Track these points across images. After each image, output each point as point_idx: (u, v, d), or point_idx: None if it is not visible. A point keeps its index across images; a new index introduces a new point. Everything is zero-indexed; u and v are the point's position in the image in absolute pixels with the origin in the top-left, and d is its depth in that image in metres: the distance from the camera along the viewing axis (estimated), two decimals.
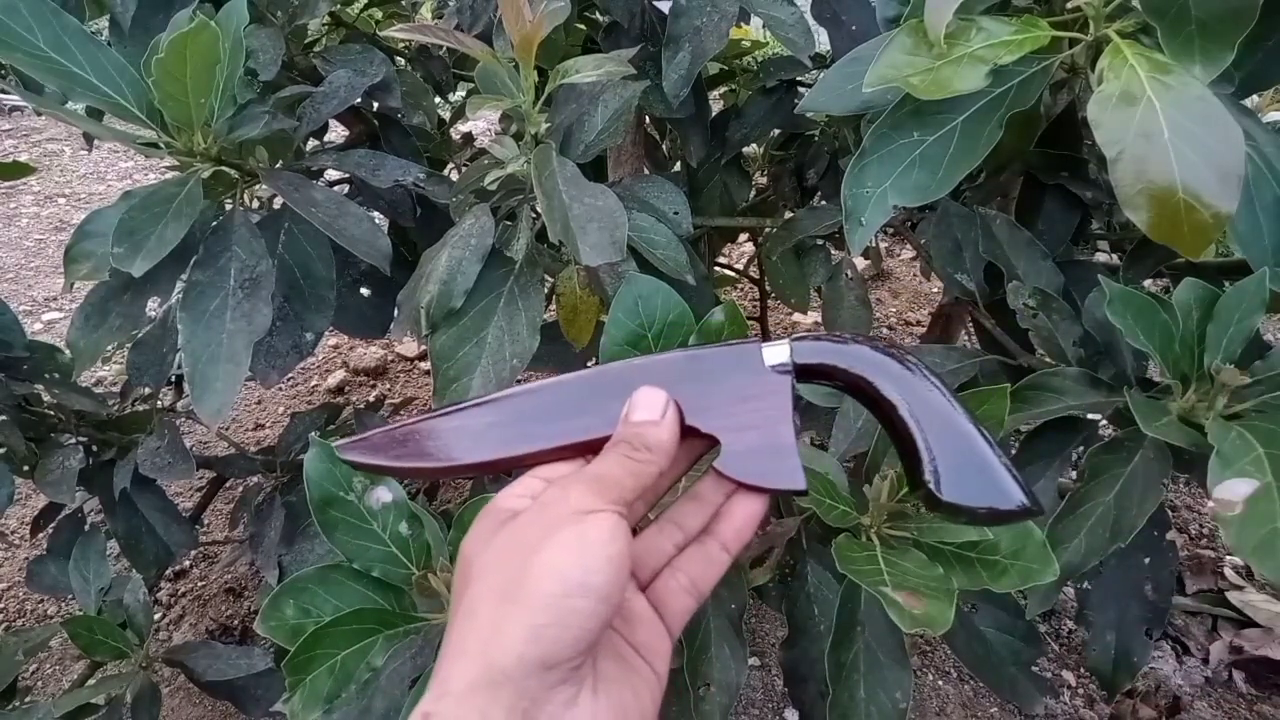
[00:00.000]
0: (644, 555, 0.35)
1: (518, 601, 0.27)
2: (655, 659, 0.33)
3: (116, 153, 2.99)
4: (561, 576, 0.27)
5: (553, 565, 0.27)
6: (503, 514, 0.32)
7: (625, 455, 0.32)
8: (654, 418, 0.33)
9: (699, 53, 0.76)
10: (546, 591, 0.27)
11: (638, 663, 0.33)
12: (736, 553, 0.35)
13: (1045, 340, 0.70)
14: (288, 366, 0.73)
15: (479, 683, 0.26)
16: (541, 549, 0.28)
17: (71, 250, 0.71)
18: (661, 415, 0.33)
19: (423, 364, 1.90)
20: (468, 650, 0.27)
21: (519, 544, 0.29)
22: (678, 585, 0.35)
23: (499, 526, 0.31)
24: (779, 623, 1.24)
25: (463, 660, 0.27)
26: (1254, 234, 0.55)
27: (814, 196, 1.09)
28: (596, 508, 0.29)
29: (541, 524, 0.29)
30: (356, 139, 0.95)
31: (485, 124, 2.84)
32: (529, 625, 0.27)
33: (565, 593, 0.27)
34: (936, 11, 0.51)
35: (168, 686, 1.14)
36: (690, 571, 0.35)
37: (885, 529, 0.61)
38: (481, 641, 0.27)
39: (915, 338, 1.92)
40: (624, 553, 0.29)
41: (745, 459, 0.33)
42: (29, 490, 1.46)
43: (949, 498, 0.32)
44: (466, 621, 0.28)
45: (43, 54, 0.60)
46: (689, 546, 0.35)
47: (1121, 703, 1.10)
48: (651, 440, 0.32)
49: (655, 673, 0.33)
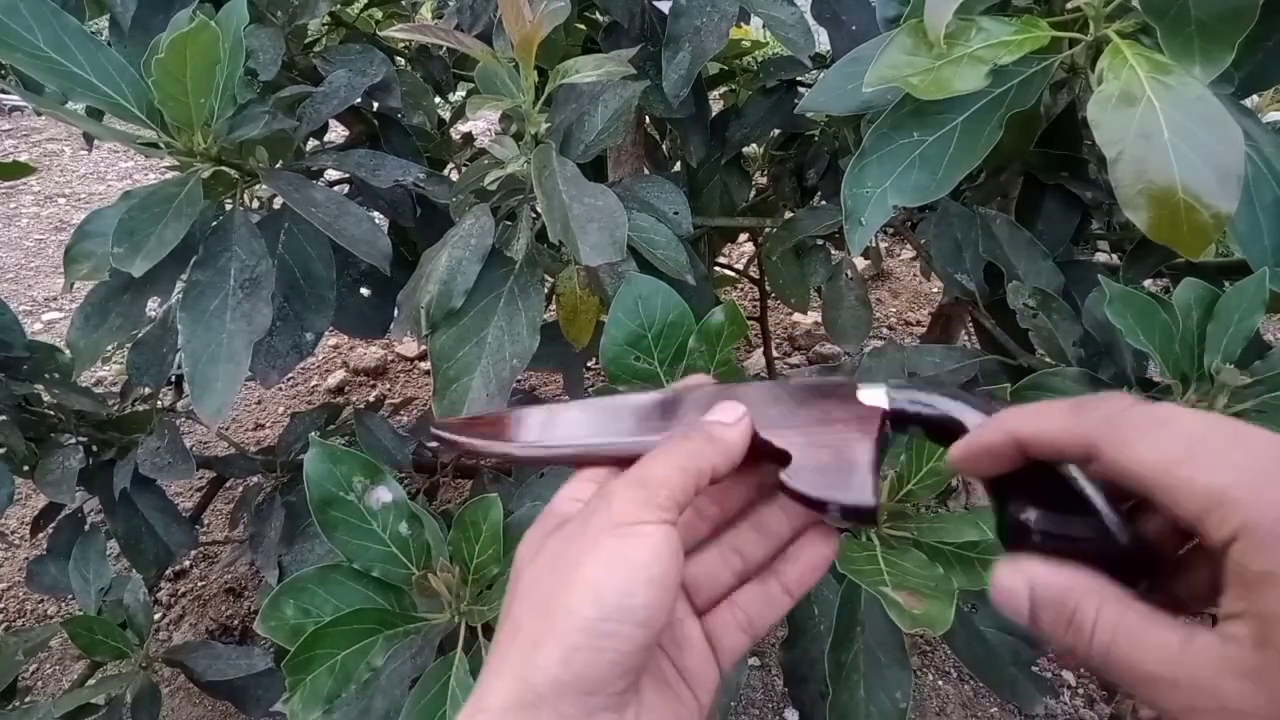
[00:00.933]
0: (700, 578, 0.33)
1: (554, 622, 0.26)
2: (701, 689, 0.31)
3: (116, 153, 2.99)
4: (598, 598, 0.26)
5: (590, 586, 0.26)
6: (554, 519, 0.30)
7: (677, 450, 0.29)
8: (727, 420, 0.31)
9: (699, 53, 0.76)
10: (582, 614, 0.26)
11: (683, 690, 0.31)
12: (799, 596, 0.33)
13: (1045, 340, 0.70)
14: (288, 366, 0.73)
15: (515, 703, 0.25)
16: (580, 565, 0.26)
17: (71, 250, 0.71)
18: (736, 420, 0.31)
19: (423, 364, 1.90)
20: (506, 669, 0.26)
21: (560, 558, 0.28)
22: (734, 620, 0.33)
23: (547, 535, 0.29)
24: (779, 623, 1.24)
25: (501, 679, 0.26)
26: (1254, 234, 0.55)
27: (814, 196, 1.09)
28: (642, 519, 0.27)
29: (584, 537, 0.27)
30: (356, 139, 0.95)
31: (485, 124, 2.84)
32: (563, 648, 0.25)
33: (602, 616, 0.25)
34: (936, 11, 0.51)
35: (168, 686, 1.14)
36: (749, 609, 0.33)
37: (885, 529, 0.61)
38: (519, 661, 0.26)
39: (915, 338, 1.92)
40: (670, 574, 0.26)
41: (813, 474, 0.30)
42: (29, 490, 1.46)
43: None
44: (510, 639, 0.27)
45: (43, 54, 0.60)
46: (750, 583, 0.33)
47: (1121, 703, 1.10)
48: (715, 433, 0.30)
49: (699, 703, 0.31)
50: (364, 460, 0.56)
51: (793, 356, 1.91)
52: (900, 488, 0.60)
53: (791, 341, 1.94)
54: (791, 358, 1.90)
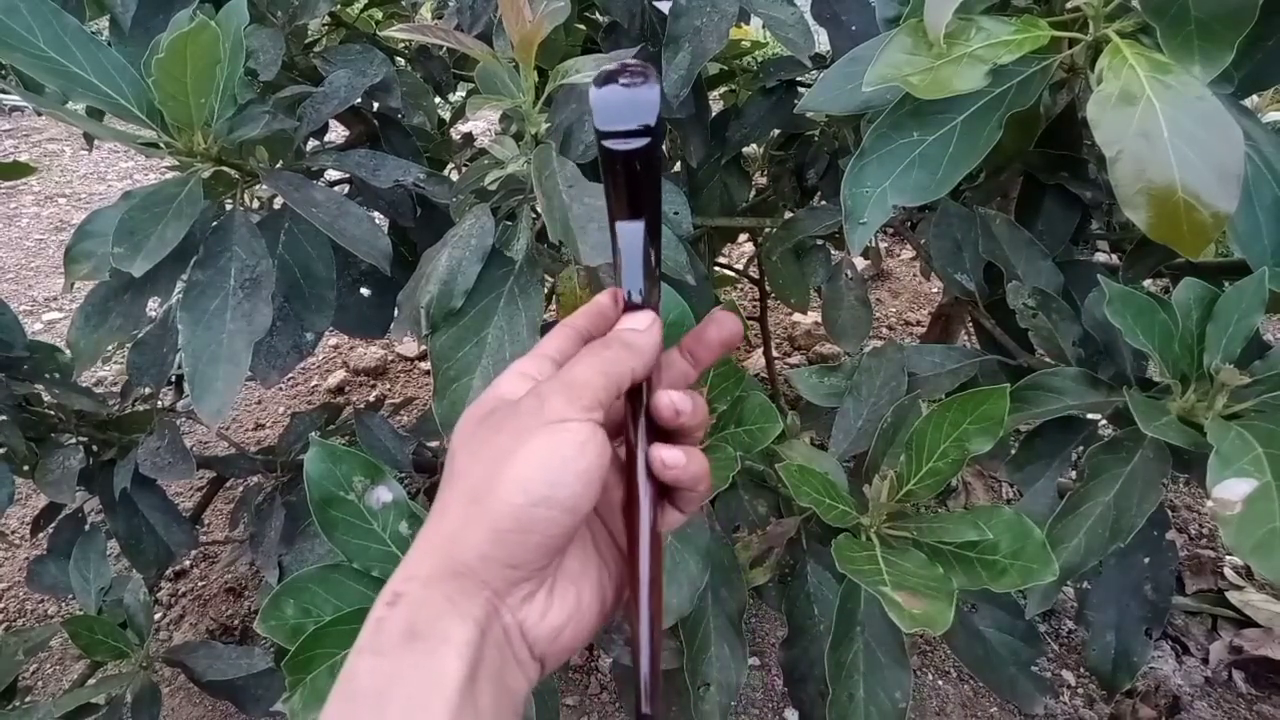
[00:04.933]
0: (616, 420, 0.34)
1: (484, 506, 0.28)
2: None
3: (117, 153, 2.99)
4: (526, 489, 0.28)
5: (520, 476, 0.28)
6: (492, 401, 0.32)
7: (599, 355, 0.31)
8: (640, 327, 0.33)
9: (699, 53, 0.76)
10: (511, 502, 0.28)
11: (610, 553, 0.34)
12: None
13: (1045, 340, 0.70)
14: (288, 366, 0.73)
15: (444, 573, 0.28)
16: (512, 457, 0.28)
17: (72, 250, 0.71)
18: (648, 326, 0.33)
19: (423, 364, 1.90)
20: (437, 544, 0.29)
21: (493, 449, 0.30)
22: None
23: (483, 419, 0.31)
24: (779, 623, 1.24)
25: (432, 553, 0.29)
26: (1253, 234, 0.55)
27: (814, 196, 1.09)
28: (569, 416, 0.29)
29: (515, 430, 0.29)
30: (356, 139, 0.95)
31: (485, 124, 2.84)
32: (492, 529, 0.28)
33: (530, 503, 0.28)
34: (936, 11, 0.51)
35: (168, 686, 1.14)
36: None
37: (885, 529, 0.61)
38: (447, 539, 0.29)
39: (915, 338, 1.92)
40: (594, 467, 0.29)
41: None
42: (29, 490, 1.46)
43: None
44: (438, 519, 0.30)
45: (43, 54, 0.60)
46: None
47: (1121, 703, 1.10)
48: (628, 339, 0.32)
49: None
50: (364, 460, 0.56)
51: (793, 356, 1.91)
52: (900, 487, 0.60)
53: (791, 341, 1.94)
54: (791, 358, 1.90)
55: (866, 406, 0.72)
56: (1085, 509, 0.61)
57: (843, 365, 0.76)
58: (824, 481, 0.61)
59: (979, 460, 0.59)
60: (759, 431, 0.67)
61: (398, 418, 1.62)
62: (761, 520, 0.70)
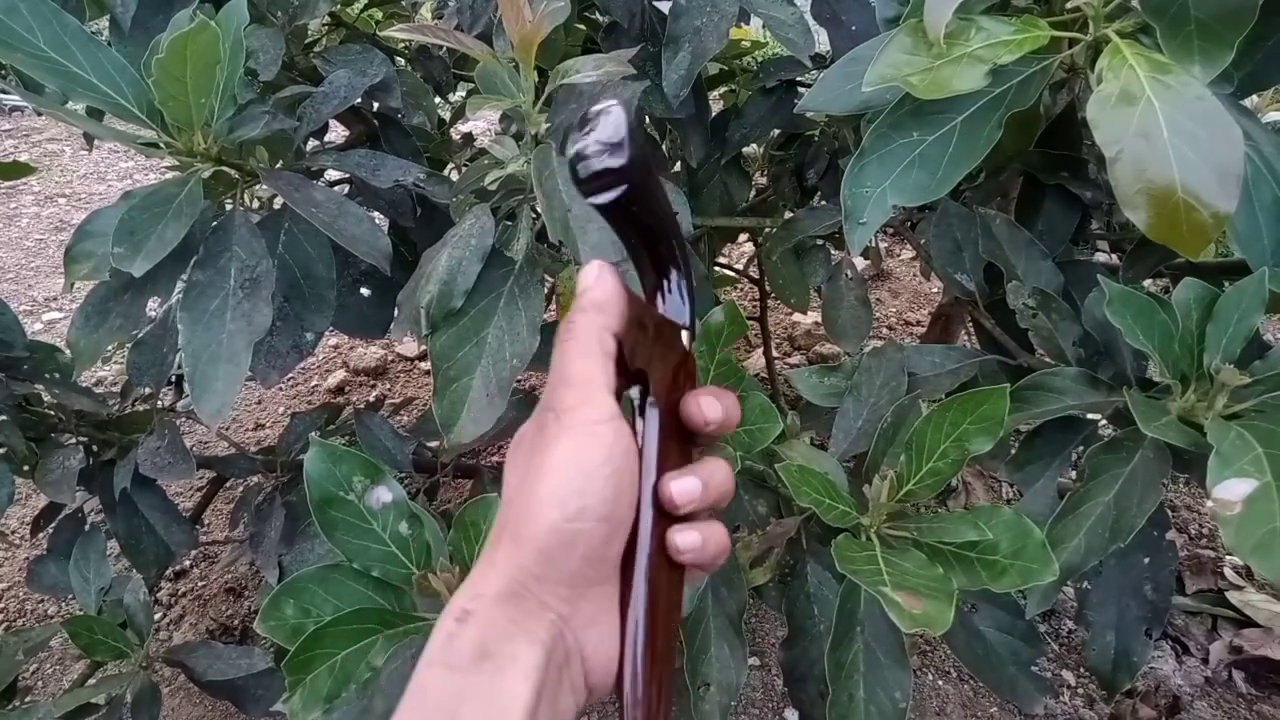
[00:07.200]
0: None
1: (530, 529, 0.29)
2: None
3: (117, 153, 2.99)
4: (562, 503, 0.28)
5: (550, 493, 0.28)
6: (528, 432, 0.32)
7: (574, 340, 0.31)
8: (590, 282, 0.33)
9: (699, 53, 0.76)
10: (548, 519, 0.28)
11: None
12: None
13: (1045, 340, 0.70)
14: (288, 366, 0.73)
15: (507, 592, 0.28)
16: (541, 472, 0.29)
17: (72, 250, 0.71)
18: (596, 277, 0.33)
19: (423, 364, 1.90)
20: (499, 561, 0.29)
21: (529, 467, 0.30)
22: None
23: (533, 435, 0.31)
24: (779, 623, 1.24)
25: (495, 570, 0.29)
26: (1253, 234, 0.55)
27: (814, 196, 1.09)
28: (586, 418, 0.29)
29: (542, 444, 0.30)
30: (356, 139, 0.95)
31: (485, 124, 2.84)
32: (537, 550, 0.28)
33: (565, 518, 0.28)
34: (936, 11, 0.51)
35: (168, 686, 1.14)
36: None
37: (885, 529, 0.61)
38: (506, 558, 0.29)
39: (915, 338, 1.92)
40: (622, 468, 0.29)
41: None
42: (29, 490, 1.46)
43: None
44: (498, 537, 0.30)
45: (43, 54, 0.60)
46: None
47: (1121, 703, 1.10)
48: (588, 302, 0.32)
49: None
50: (364, 460, 0.56)
51: (793, 356, 1.91)
52: (900, 488, 0.60)
53: (791, 341, 1.94)
54: (791, 358, 1.90)
55: (866, 406, 0.72)
56: (1085, 509, 0.61)
57: (843, 365, 0.76)
58: (824, 481, 0.61)
59: (979, 460, 0.59)
60: (759, 431, 0.67)
61: (398, 418, 1.62)
62: (761, 520, 0.70)
